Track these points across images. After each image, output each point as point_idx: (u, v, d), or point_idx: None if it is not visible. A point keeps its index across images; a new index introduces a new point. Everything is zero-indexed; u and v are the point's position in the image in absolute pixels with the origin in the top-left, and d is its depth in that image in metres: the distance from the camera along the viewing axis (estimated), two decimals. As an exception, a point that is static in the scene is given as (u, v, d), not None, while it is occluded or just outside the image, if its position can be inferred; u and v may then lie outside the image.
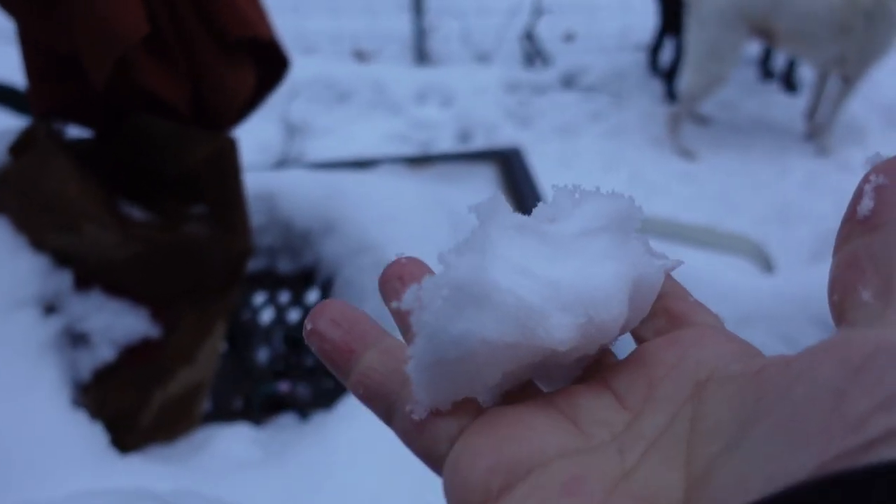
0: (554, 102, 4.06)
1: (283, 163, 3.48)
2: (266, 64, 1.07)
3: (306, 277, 1.55)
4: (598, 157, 3.63)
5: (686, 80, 3.53)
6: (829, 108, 3.60)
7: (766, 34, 3.38)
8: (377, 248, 1.39)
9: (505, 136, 3.78)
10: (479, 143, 3.75)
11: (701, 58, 3.40)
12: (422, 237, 1.42)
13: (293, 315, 1.53)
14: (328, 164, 1.82)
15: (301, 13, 4.85)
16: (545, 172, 3.55)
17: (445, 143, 3.79)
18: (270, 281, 1.56)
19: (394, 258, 0.32)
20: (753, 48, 4.08)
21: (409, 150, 3.73)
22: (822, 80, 3.63)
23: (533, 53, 4.47)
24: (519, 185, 1.79)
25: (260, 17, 1.02)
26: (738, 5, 3.26)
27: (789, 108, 3.94)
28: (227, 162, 1.06)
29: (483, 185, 1.75)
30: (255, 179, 1.60)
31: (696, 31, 3.38)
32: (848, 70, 3.31)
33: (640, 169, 3.52)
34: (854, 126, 3.74)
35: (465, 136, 3.84)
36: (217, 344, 1.13)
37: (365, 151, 3.65)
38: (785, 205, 3.22)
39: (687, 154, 3.60)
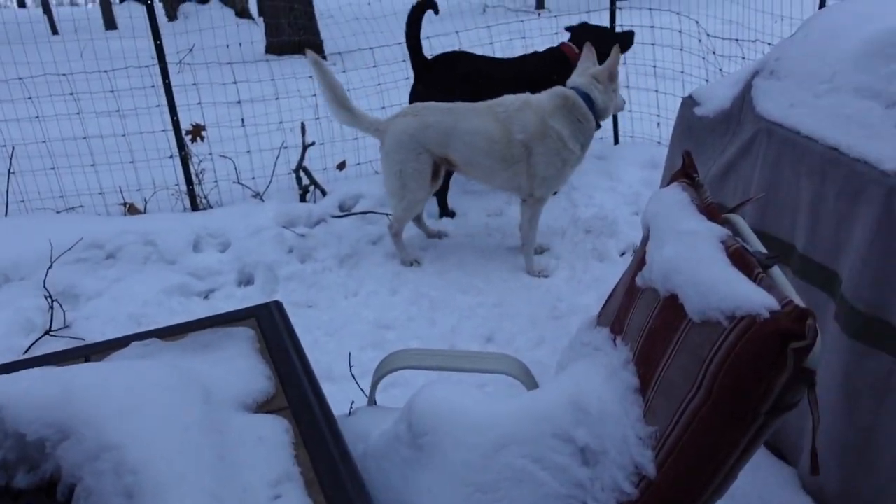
0: (333, 231, 4.12)
1: (48, 337, 3.23)
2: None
3: (50, 489, 1.42)
4: (383, 280, 3.71)
5: (392, 205, 3.87)
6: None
7: (448, 163, 3.74)
8: (117, 449, 1.31)
9: (288, 271, 3.77)
10: (261, 282, 3.71)
11: (395, 184, 3.75)
12: (166, 426, 1.35)
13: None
14: (69, 352, 1.71)
15: (60, 171, 4.65)
16: (332, 304, 3.57)
17: (228, 288, 3.71)
18: (8, 499, 1.42)
19: None
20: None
21: (189, 301, 3.61)
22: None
23: (307, 185, 4.55)
24: (280, 340, 1.77)
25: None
26: (416, 137, 3.64)
27: (555, 210, 4.22)
28: None
29: (240, 348, 1.72)
30: (-19, 389, 1.47)
31: (385, 163, 3.75)
32: (534, 192, 3.70)
33: (422, 286, 3.63)
34: (608, 219, 4.10)
35: (247, 278, 3.78)
36: None
37: (141, 309, 3.48)
38: (556, 301, 3.44)
39: (412, 262, 3.86)
